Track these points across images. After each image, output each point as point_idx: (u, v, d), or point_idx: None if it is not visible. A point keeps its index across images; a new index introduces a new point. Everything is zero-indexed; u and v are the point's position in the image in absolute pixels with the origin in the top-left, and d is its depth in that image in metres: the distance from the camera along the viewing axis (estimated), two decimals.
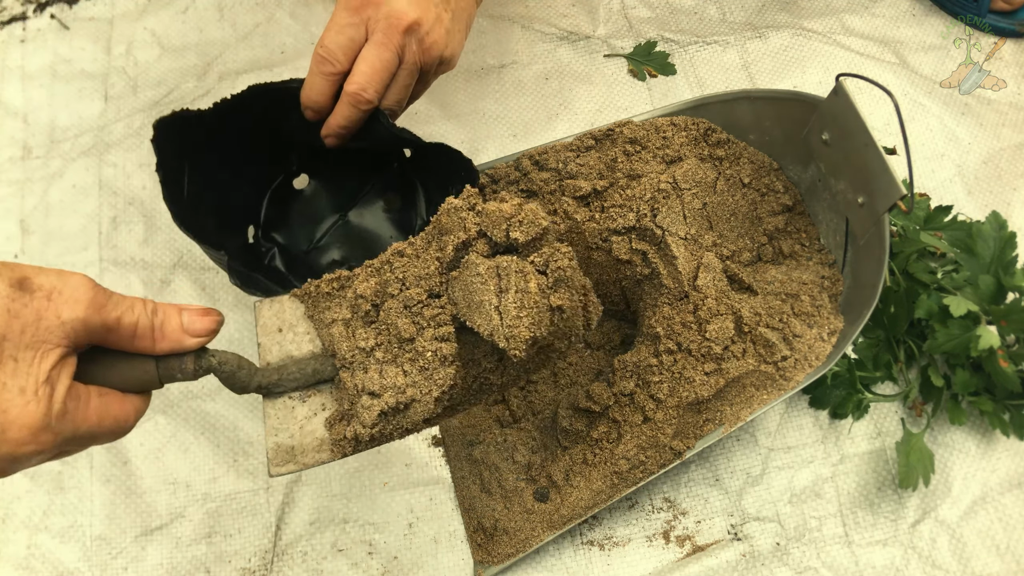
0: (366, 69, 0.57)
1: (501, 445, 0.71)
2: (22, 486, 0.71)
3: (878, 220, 0.60)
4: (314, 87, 0.58)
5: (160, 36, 0.91)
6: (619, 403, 0.64)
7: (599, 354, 0.73)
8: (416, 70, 0.61)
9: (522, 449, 0.70)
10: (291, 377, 0.50)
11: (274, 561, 0.68)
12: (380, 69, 0.57)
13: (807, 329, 0.64)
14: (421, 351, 0.48)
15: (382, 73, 0.57)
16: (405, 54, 0.59)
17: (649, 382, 0.63)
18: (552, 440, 0.69)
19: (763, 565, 0.67)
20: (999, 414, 0.68)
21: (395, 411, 0.48)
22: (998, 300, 0.66)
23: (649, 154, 0.71)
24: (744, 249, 0.70)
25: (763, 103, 0.69)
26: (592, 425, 0.67)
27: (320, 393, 0.51)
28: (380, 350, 0.49)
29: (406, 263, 0.50)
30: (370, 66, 0.57)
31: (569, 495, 0.64)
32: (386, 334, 0.50)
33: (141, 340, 0.43)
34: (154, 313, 0.43)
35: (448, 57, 0.63)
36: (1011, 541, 0.68)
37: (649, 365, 0.64)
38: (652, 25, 0.92)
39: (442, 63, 0.63)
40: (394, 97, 0.60)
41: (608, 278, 0.71)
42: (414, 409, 0.49)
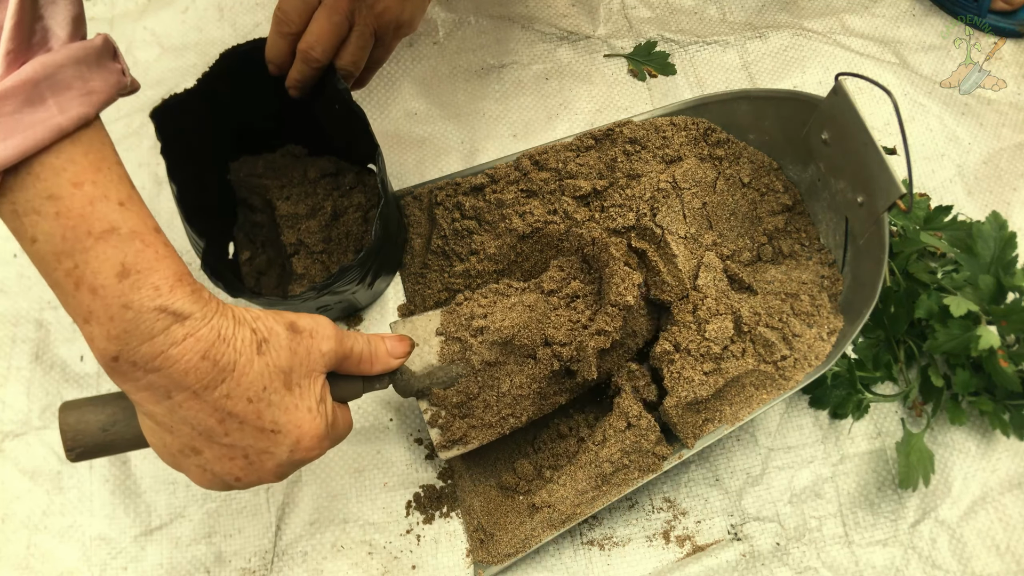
0: (315, 29, 0.62)
1: (501, 444, 0.71)
2: (22, 486, 0.71)
3: (877, 219, 0.60)
4: (273, 45, 0.64)
5: (160, 36, 0.91)
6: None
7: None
8: (370, 33, 0.64)
9: (521, 448, 0.70)
10: (439, 381, 0.63)
11: (274, 561, 0.68)
12: (328, 30, 0.62)
13: (807, 329, 0.64)
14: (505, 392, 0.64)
15: (329, 34, 0.62)
16: (355, 18, 0.63)
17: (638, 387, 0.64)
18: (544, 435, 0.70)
19: (763, 565, 0.67)
20: (999, 414, 0.68)
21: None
22: (998, 300, 0.66)
23: (649, 154, 0.71)
24: (744, 249, 0.70)
25: (763, 103, 0.69)
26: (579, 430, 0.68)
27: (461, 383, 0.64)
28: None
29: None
30: (319, 26, 0.62)
31: (554, 491, 0.64)
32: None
33: (363, 364, 0.54)
34: (369, 343, 0.55)
35: (406, 21, 0.66)
36: (1011, 541, 0.68)
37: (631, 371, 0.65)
38: (652, 25, 0.92)
39: (399, 27, 0.66)
40: (348, 58, 0.65)
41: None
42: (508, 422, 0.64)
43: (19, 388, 0.74)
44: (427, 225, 0.77)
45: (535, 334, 0.63)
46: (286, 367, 0.46)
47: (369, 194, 0.74)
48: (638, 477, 0.63)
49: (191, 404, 0.43)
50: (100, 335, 0.40)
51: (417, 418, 0.73)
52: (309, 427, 0.47)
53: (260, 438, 0.45)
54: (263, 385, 0.45)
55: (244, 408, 0.44)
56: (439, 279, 0.74)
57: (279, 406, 0.46)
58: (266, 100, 0.68)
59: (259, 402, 0.45)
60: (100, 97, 0.41)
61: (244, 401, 0.44)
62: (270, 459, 0.46)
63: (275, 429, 0.46)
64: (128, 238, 0.40)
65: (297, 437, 0.47)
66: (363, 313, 0.77)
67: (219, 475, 0.46)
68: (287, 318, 0.48)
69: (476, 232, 0.73)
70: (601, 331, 0.61)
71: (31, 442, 0.72)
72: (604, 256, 0.64)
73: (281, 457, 0.47)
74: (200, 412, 0.43)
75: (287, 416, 0.46)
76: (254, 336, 0.45)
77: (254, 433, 0.45)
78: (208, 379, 0.42)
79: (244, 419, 0.44)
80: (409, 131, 0.85)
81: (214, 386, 0.43)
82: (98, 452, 0.48)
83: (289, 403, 0.46)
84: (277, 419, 0.46)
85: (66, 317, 0.77)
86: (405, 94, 0.87)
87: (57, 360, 0.75)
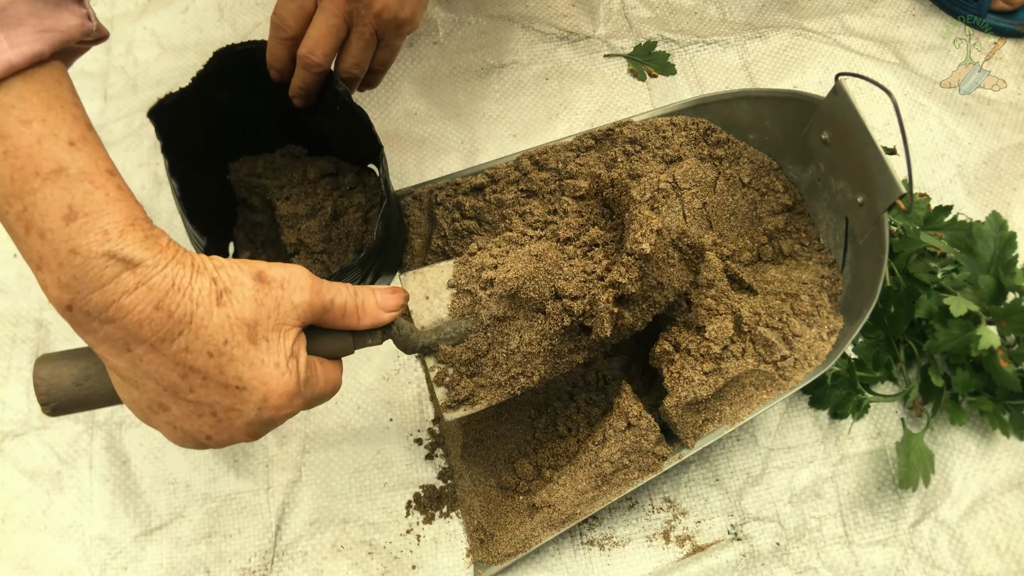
0: (313, 33, 0.61)
1: (501, 444, 0.71)
2: (22, 486, 0.71)
3: (877, 219, 0.60)
4: (272, 51, 0.64)
5: (160, 36, 0.91)
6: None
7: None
8: (370, 34, 0.64)
9: (521, 448, 0.70)
10: (447, 337, 0.58)
11: (274, 561, 0.68)
12: (326, 33, 0.61)
13: (807, 328, 0.64)
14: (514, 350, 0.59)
15: (328, 38, 0.61)
16: (353, 20, 0.62)
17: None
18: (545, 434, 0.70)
19: (763, 565, 0.67)
20: (999, 414, 0.68)
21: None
22: (998, 300, 0.66)
23: (649, 154, 0.71)
24: (744, 249, 0.70)
25: (763, 103, 0.69)
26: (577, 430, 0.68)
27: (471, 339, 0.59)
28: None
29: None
30: (318, 31, 0.61)
31: (554, 491, 0.64)
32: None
33: (349, 318, 0.50)
34: (355, 295, 0.50)
35: (406, 19, 0.65)
36: (1011, 541, 0.68)
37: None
38: (652, 25, 0.92)
39: (400, 25, 0.65)
40: (351, 61, 0.64)
41: None
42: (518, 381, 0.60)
43: (19, 388, 0.74)
44: (427, 225, 0.77)
45: (543, 286, 0.58)
46: (250, 319, 0.43)
47: (369, 194, 0.74)
48: (638, 477, 0.63)
49: (151, 358, 0.41)
50: (52, 282, 0.39)
51: (417, 418, 0.73)
52: (277, 384, 0.44)
53: (225, 394, 0.43)
54: (224, 338, 0.42)
55: (205, 362, 0.42)
56: None
57: (242, 361, 0.43)
58: (265, 100, 0.68)
59: (220, 356, 0.42)
60: (58, 36, 0.39)
61: (204, 355, 0.42)
62: (238, 417, 0.44)
63: (239, 385, 0.43)
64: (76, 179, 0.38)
65: (264, 394, 0.44)
66: None
67: (189, 432, 0.44)
68: (255, 267, 0.45)
69: (476, 232, 0.73)
70: (615, 283, 0.56)
71: (31, 442, 0.72)
72: (624, 199, 0.58)
73: (249, 415, 0.44)
74: (161, 366, 0.41)
75: (252, 372, 0.43)
76: (214, 285, 0.42)
77: (218, 389, 0.43)
78: (164, 331, 0.40)
79: (207, 374, 0.42)
80: (409, 131, 0.85)
81: (171, 339, 0.41)
82: (73, 407, 0.46)
83: (254, 358, 0.43)
84: (241, 375, 0.43)
85: None
86: (405, 94, 0.87)
87: None
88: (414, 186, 0.78)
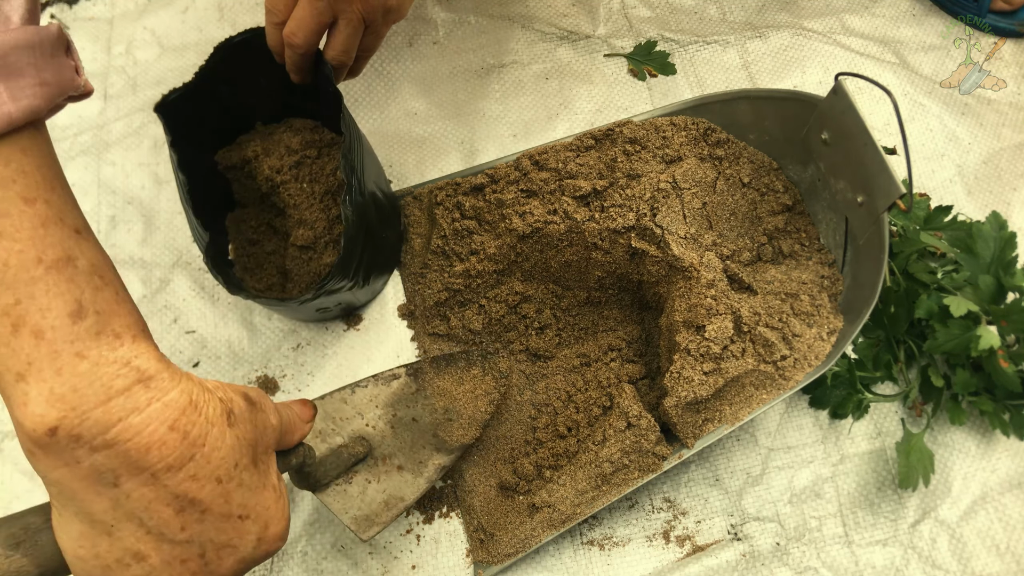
0: (297, 15, 0.62)
1: (501, 444, 0.71)
2: (22, 486, 0.71)
3: (877, 219, 0.60)
4: (268, 34, 0.65)
5: (160, 36, 0.91)
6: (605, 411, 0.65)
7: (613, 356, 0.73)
8: (358, 20, 0.64)
9: (521, 448, 0.70)
10: (331, 467, 0.58)
11: (274, 561, 0.68)
12: (308, 16, 0.62)
13: (806, 329, 0.64)
14: None
15: (310, 20, 0.62)
16: (341, 6, 0.63)
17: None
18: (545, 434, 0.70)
19: (763, 565, 0.67)
20: (999, 414, 0.68)
21: None
22: (998, 300, 0.66)
23: (649, 154, 0.71)
24: (744, 249, 0.70)
25: (763, 103, 0.69)
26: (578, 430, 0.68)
27: (359, 472, 0.61)
28: None
29: None
30: (301, 12, 0.62)
31: (554, 491, 0.64)
32: None
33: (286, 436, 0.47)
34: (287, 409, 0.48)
35: (393, 6, 0.66)
36: (1011, 541, 0.68)
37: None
38: (652, 25, 0.92)
39: (387, 12, 0.66)
40: (339, 47, 0.65)
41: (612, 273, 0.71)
42: None
43: None
44: (427, 225, 0.77)
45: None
46: (252, 441, 0.40)
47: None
48: (638, 477, 0.63)
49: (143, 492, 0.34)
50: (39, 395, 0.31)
51: None
52: (275, 508, 0.41)
53: (224, 529, 0.38)
54: (234, 461, 0.38)
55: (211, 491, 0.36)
56: (439, 279, 0.74)
57: (249, 486, 0.39)
58: (266, 91, 0.69)
59: (229, 482, 0.37)
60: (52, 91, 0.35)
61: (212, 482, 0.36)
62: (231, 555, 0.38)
63: (243, 514, 0.38)
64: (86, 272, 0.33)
65: (266, 521, 0.40)
66: (362, 312, 0.77)
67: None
68: (239, 388, 0.42)
69: (476, 232, 0.73)
70: None
71: None
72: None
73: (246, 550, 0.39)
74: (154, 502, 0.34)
75: (256, 498, 0.39)
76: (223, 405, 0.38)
77: (217, 523, 0.37)
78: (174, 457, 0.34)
79: (208, 506, 0.36)
80: (409, 131, 0.85)
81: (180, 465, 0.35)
82: None
83: (256, 482, 0.40)
84: (246, 502, 0.38)
85: None
86: (405, 94, 0.87)
87: None
88: (414, 186, 0.78)
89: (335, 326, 0.76)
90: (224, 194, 0.75)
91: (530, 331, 0.74)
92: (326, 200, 0.72)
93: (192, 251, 0.80)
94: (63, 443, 0.32)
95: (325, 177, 0.72)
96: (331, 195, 0.73)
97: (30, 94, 0.33)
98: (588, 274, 0.71)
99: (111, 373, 0.32)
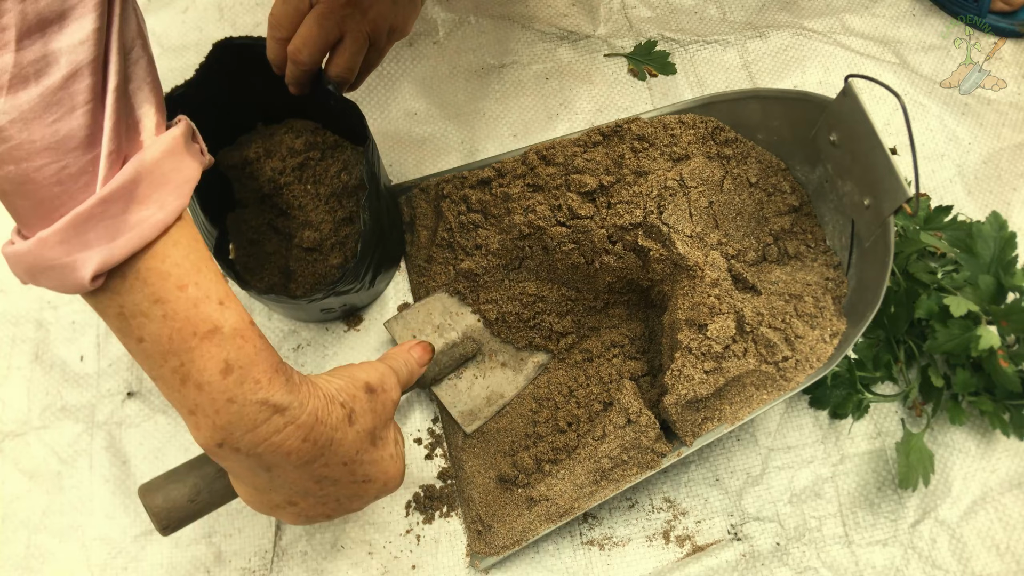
0: (303, 32, 0.63)
1: (501, 437, 0.71)
2: (22, 486, 0.71)
3: (883, 223, 0.60)
4: (269, 48, 0.65)
5: (160, 36, 0.91)
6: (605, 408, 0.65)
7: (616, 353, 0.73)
8: (363, 39, 0.65)
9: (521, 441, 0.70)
10: (445, 366, 0.70)
11: (274, 561, 0.68)
12: (315, 35, 0.62)
13: (809, 330, 0.64)
14: None
15: (316, 39, 0.63)
16: (348, 25, 0.63)
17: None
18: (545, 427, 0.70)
19: (763, 565, 0.67)
20: (999, 414, 0.68)
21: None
22: (998, 300, 0.66)
23: (656, 151, 0.71)
24: (749, 249, 0.70)
25: (772, 103, 0.69)
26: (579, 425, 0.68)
27: (468, 368, 0.72)
28: None
29: None
30: (307, 30, 0.62)
31: (553, 485, 0.64)
32: None
33: (409, 383, 0.61)
34: (405, 364, 0.61)
35: (398, 25, 0.67)
36: (1011, 541, 0.68)
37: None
38: (652, 24, 0.92)
39: (392, 31, 0.67)
40: (343, 64, 0.65)
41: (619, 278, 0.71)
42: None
43: (19, 388, 0.74)
44: (433, 218, 0.77)
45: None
46: (371, 428, 0.50)
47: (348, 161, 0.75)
48: (636, 473, 0.63)
49: (290, 474, 0.46)
50: (206, 425, 0.42)
51: (417, 417, 0.73)
52: (393, 471, 0.52)
53: (353, 488, 0.50)
54: (355, 450, 0.48)
55: (339, 471, 0.48)
56: (443, 272, 0.74)
57: (368, 462, 0.50)
58: (265, 93, 0.69)
59: (352, 463, 0.48)
60: (190, 185, 0.42)
61: (339, 466, 0.48)
62: (359, 500, 0.51)
63: (365, 479, 0.50)
64: (230, 336, 0.42)
65: (384, 481, 0.52)
66: (363, 313, 0.77)
67: (312, 517, 0.50)
68: (360, 380, 0.51)
69: (482, 226, 0.73)
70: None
71: (31, 442, 0.72)
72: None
73: (369, 498, 0.52)
74: (298, 480, 0.46)
75: (376, 468, 0.51)
76: (343, 410, 0.48)
77: (348, 486, 0.49)
78: (308, 456, 0.45)
79: (338, 479, 0.48)
80: (409, 131, 0.85)
81: (313, 460, 0.45)
82: (188, 520, 0.51)
83: (376, 457, 0.51)
84: (368, 472, 0.50)
85: (66, 316, 0.77)
86: (405, 94, 0.87)
87: (57, 360, 0.75)
88: (420, 178, 0.78)
89: (335, 327, 0.76)
90: (223, 194, 0.75)
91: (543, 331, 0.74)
92: (331, 202, 0.72)
93: None
94: (227, 452, 0.43)
95: (329, 179, 0.72)
96: (336, 197, 0.73)
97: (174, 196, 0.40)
98: (597, 279, 0.71)
99: (254, 411, 0.42)
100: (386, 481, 0.52)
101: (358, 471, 0.49)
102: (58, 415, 0.73)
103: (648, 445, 0.63)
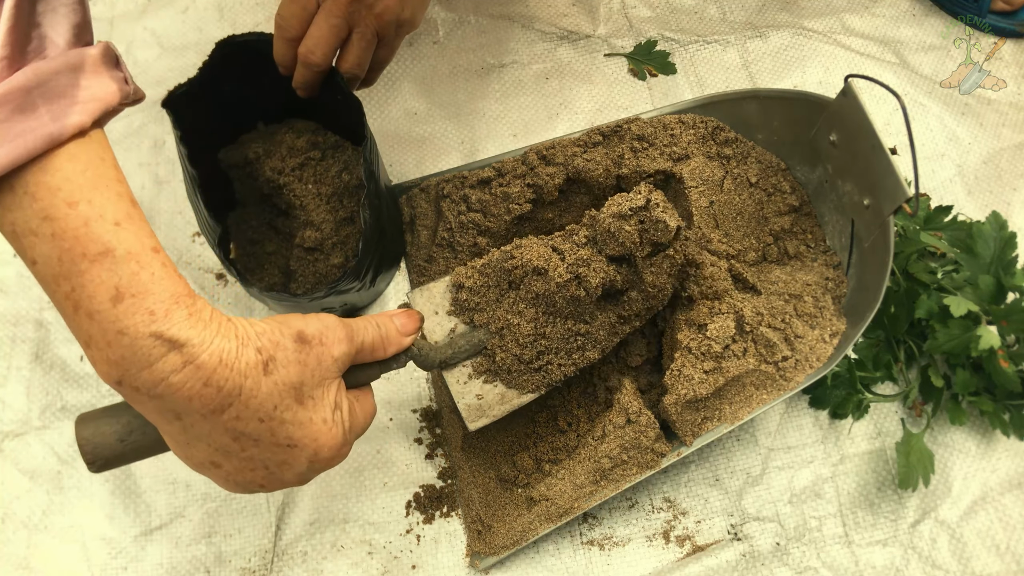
0: (314, 33, 0.62)
1: (501, 437, 0.71)
2: (22, 486, 0.71)
3: (883, 223, 0.60)
4: (277, 49, 0.65)
5: (160, 36, 0.91)
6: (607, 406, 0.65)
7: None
8: (372, 35, 0.64)
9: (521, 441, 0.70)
10: (461, 349, 0.61)
11: (274, 561, 0.68)
12: (327, 33, 0.62)
13: (809, 330, 0.64)
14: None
15: (328, 38, 0.62)
16: (355, 20, 0.63)
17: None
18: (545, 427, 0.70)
19: (763, 565, 0.67)
20: (999, 414, 0.68)
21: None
22: (998, 300, 0.66)
23: (656, 151, 0.71)
24: (749, 248, 0.70)
25: (772, 103, 0.69)
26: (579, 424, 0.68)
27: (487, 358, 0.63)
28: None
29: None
30: (318, 30, 0.62)
31: (553, 485, 0.64)
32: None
33: (376, 351, 0.53)
34: (378, 327, 0.53)
35: (406, 19, 0.66)
36: (1011, 541, 0.68)
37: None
38: (652, 24, 0.92)
39: (401, 25, 0.66)
40: (353, 60, 0.65)
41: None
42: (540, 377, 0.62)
43: (19, 388, 0.74)
44: (433, 217, 0.77)
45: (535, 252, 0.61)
46: (296, 382, 0.45)
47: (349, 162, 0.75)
48: (636, 473, 0.63)
49: (202, 425, 0.42)
50: (100, 359, 0.39)
51: (417, 418, 0.73)
52: (326, 439, 0.46)
53: (277, 452, 0.45)
54: (273, 404, 0.43)
55: (256, 427, 0.43)
56: (444, 272, 0.74)
57: (292, 423, 0.45)
58: (267, 92, 0.69)
59: (271, 421, 0.44)
60: (98, 106, 0.40)
61: (255, 421, 0.43)
62: (290, 469, 0.46)
63: (290, 444, 0.45)
64: (123, 260, 0.39)
65: (315, 449, 0.46)
66: (363, 313, 0.77)
67: (243, 483, 0.46)
68: (293, 327, 0.46)
69: (482, 225, 0.73)
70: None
71: (31, 442, 0.72)
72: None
73: (301, 468, 0.46)
74: (213, 432, 0.42)
75: (302, 431, 0.45)
76: (259, 356, 0.43)
77: (270, 448, 0.45)
78: (214, 404, 0.41)
79: (259, 437, 0.44)
80: (409, 131, 0.85)
81: (221, 410, 0.42)
82: (118, 461, 0.47)
83: (303, 417, 0.45)
84: (292, 435, 0.45)
85: None
86: (405, 94, 0.87)
87: (57, 360, 0.75)
88: (421, 178, 0.78)
89: None
90: (223, 194, 0.75)
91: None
92: (333, 202, 0.72)
93: (192, 251, 0.80)
94: (128, 392, 0.40)
95: (330, 179, 0.72)
96: (337, 197, 0.73)
97: (72, 112, 0.38)
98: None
99: (147, 345, 0.39)
100: (316, 449, 0.46)
101: (279, 431, 0.44)
102: (58, 415, 0.73)
103: (648, 445, 0.63)
